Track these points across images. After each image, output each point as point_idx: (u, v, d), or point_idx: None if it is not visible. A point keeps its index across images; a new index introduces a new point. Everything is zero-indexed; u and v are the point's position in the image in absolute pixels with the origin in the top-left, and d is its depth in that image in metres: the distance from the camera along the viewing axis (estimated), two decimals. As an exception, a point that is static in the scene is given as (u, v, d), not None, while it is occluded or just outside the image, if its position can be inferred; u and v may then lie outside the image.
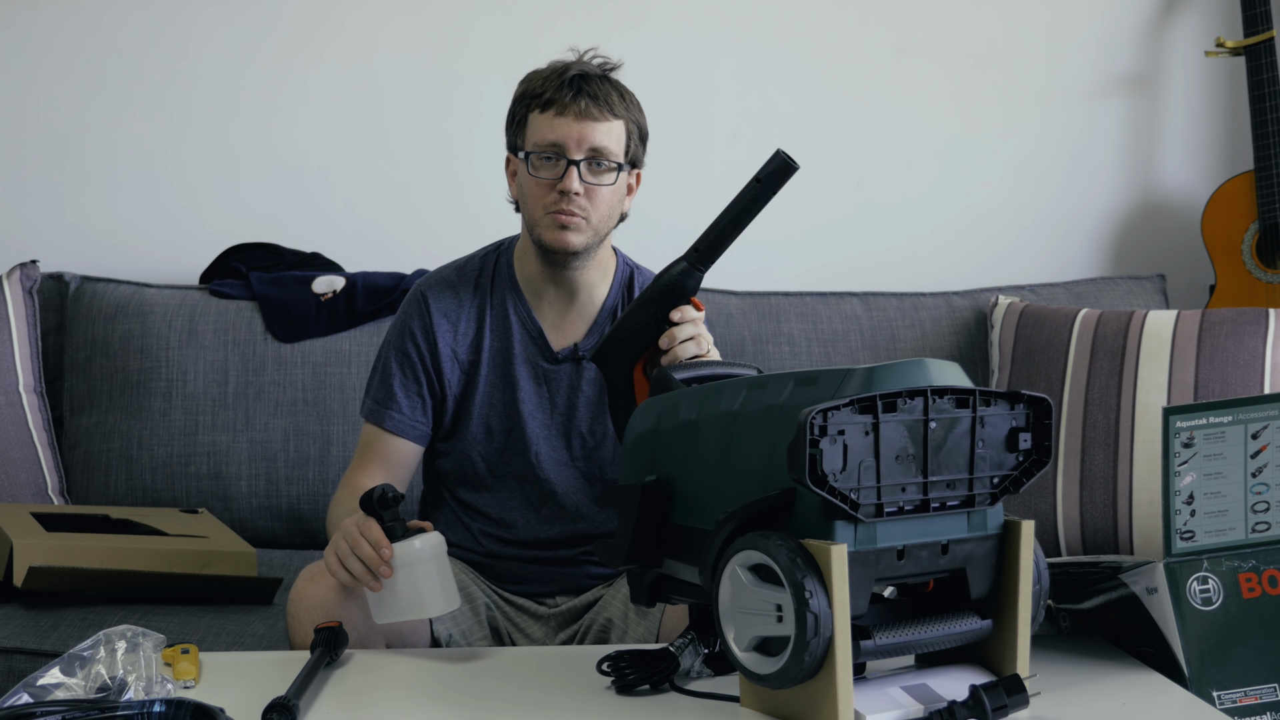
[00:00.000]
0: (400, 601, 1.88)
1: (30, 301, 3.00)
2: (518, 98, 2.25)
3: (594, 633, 2.24)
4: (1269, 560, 1.84)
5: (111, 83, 3.24)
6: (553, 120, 2.19)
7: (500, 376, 2.29)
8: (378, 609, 1.90)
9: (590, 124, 2.18)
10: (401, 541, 1.88)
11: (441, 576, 1.88)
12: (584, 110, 2.18)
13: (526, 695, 1.74)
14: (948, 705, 1.56)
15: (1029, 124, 3.39)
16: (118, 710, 1.56)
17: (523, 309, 2.30)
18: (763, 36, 3.34)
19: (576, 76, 2.20)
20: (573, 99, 2.18)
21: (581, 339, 2.29)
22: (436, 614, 1.88)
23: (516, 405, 2.28)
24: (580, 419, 2.28)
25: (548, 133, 2.19)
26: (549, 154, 2.19)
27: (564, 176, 2.18)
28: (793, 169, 1.93)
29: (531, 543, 2.29)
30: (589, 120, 2.18)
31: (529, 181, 2.21)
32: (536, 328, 2.29)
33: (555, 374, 2.29)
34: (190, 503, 2.93)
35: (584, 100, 2.18)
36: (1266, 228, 3.15)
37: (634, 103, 2.25)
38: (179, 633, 2.36)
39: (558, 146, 2.18)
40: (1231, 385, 2.73)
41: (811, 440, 1.48)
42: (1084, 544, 2.76)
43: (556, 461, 2.28)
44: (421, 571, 1.86)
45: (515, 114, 2.26)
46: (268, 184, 3.28)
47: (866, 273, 3.31)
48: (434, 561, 1.87)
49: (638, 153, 2.26)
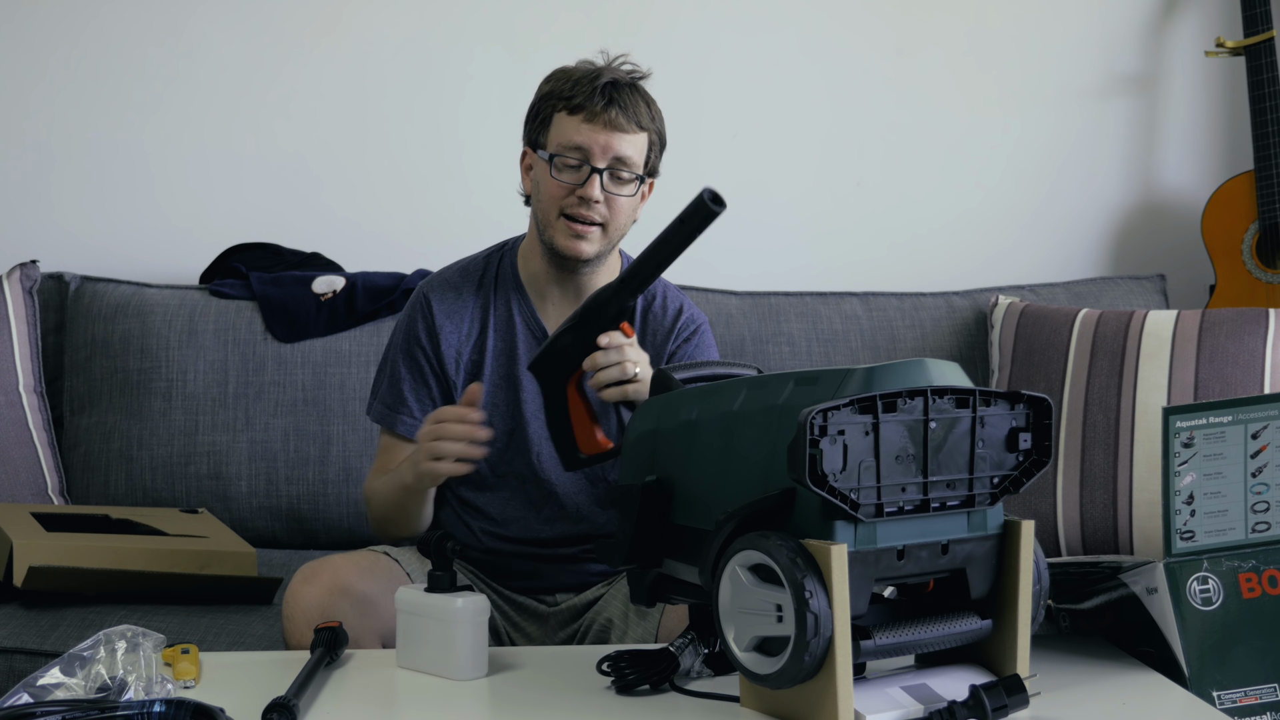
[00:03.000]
0: (429, 654, 1.82)
1: (30, 301, 3.00)
2: (545, 94, 2.24)
3: (594, 632, 2.24)
4: (1269, 560, 1.84)
5: (111, 83, 3.24)
6: (580, 125, 2.18)
7: (504, 377, 2.30)
8: (403, 652, 1.85)
9: (618, 134, 2.18)
10: (444, 596, 1.82)
11: (476, 642, 1.81)
12: (613, 120, 2.18)
13: (526, 695, 1.74)
14: (948, 705, 1.56)
15: (1029, 124, 3.39)
16: (118, 710, 1.56)
17: (526, 309, 2.30)
18: (763, 36, 3.34)
19: (609, 84, 2.19)
20: (604, 108, 2.17)
21: None
22: (461, 679, 1.80)
23: (520, 406, 2.28)
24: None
25: (575, 135, 2.19)
26: (573, 159, 2.19)
27: (586, 183, 2.18)
28: (715, 212, 1.91)
29: (532, 541, 2.29)
30: (617, 131, 2.18)
31: (548, 182, 2.21)
32: (541, 328, 2.29)
33: None
34: (190, 503, 2.93)
35: (614, 110, 2.18)
36: (1266, 228, 3.15)
37: (658, 113, 2.25)
38: (179, 633, 2.36)
39: (583, 152, 2.19)
40: (1231, 385, 2.73)
41: (811, 440, 1.48)
42: (1084, 544, 2.76)
43: (559, 462, 2.28)
44: (458, 633, 1.80)
45: (540, 110, 2.24)
46: (267, 184, 3.28)
47: (866, 273, 3.30)
48: (471, 625, 1.80)
49: (656, 163, 2.27)
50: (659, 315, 2.32)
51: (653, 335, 2.31)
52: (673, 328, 2.31)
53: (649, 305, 2.32)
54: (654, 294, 2.33)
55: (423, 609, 1.81)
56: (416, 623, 1.82)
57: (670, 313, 2.33)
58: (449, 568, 1.84)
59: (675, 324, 2.31)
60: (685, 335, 2.31)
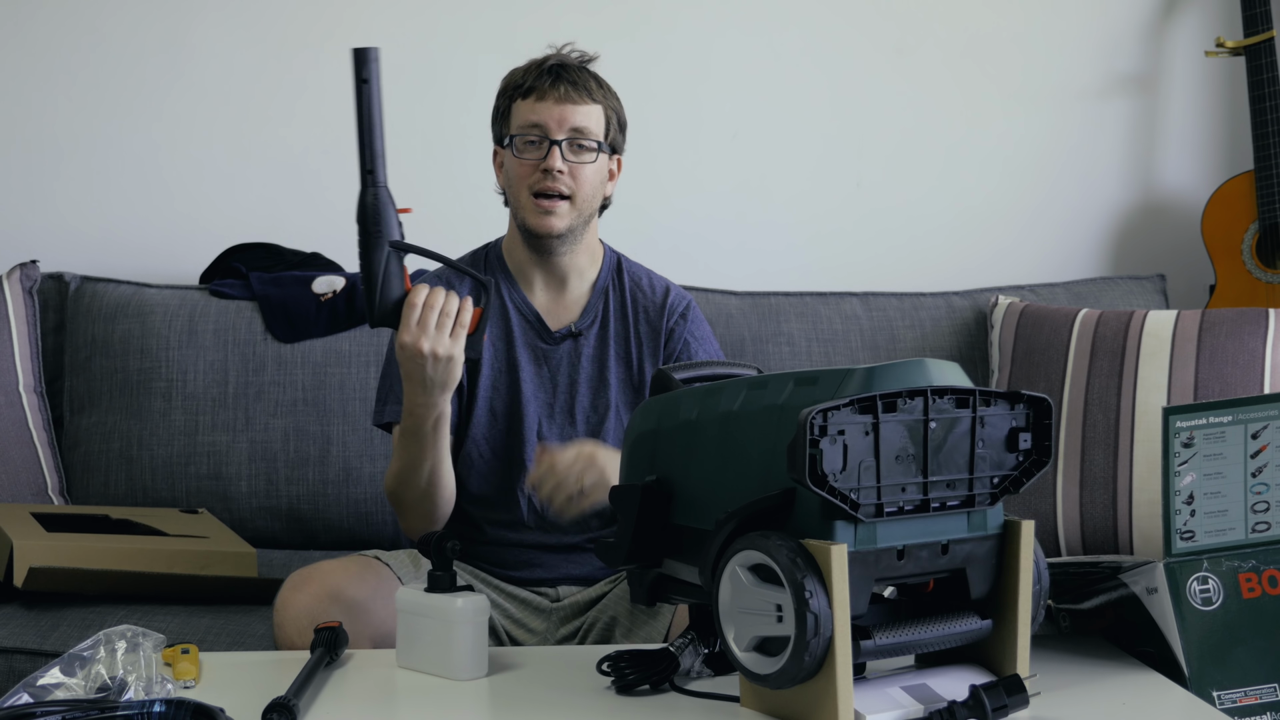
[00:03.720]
0: (427, 654, 1.81)
1: (30, 301, 3.00)
2: (500, 92, 2.36)
3: (596, 631, 2.24)
4: (1269, 560, 1.84)
5: (111, 83, 3.24)
6: (535, 105, 2.29)
7: (504, 361, 2.34)
8: (403, 652, 1.85)
9: (570, 106, 2.28)
10: (444, 596, 1.81)
11: (475, 642, 1.81)
12: (564, 94, 2.28)
13: (526, 695, 1.74)
14: (948, 705, 1.56)
15: (1029, 124, 3.39)
16: (118, 710, 1.56)
17: (517, 295, 2.37)
18: (763, 36, 3.34)
19: (555, 65, 2.31)
20: (552, 84, 2.29)
21: (577, 319, 2.36)
22: (461, 679, 1.79)
23: (519, 387, 2.33)
24: (582, 395, 2.33)
25: (530, 115, 2.29)
26: (532, 136, 2.29)
27: (548, 155, 2.27)
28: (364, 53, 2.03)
29: (536, 527, 2.30)
30: (568, 103, 2.28)
31: (514, 164, 2.30)
32: (533, 311, 2.35)
33: (554, 354, 2.34)
34: (190, 503, 2.93)
35: (563, 85, 2.29)
36: (1266, 228, 3.15)
37: (611, 92, 2.35)
38: (179, 633, 2.36)
39: (539, 127, 2.28)
40: (1231, 385, 2.73)
41: (811, 440, 1.48)
42: (1084, 544, 2.76)
43: (561, 440, 2.29)
44: (458, 633, 1.79)
45: (499, 107, 2.36)
46: (267, 184, 3.28)
47: (866, 273, 3.31)
48: (471, 625, 1.80)
49: (617, 138, 2.36)
50: (648, 295, 2.40)
51: (645, 315, 2.38)
52: (664, 305, 2.39)
53: (635, 289, 2.40)
54: (639, 274, 2.41)
55: (423, 609, 1.81)
56: (416, 623, 1.82)
57: (659, 292, 2.41)
58: (449, 568, 1.84)
59: (666, 302, 2.39)
60: (680, 311, 2.39)
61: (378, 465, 2.90)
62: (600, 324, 2.37)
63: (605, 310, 2.37)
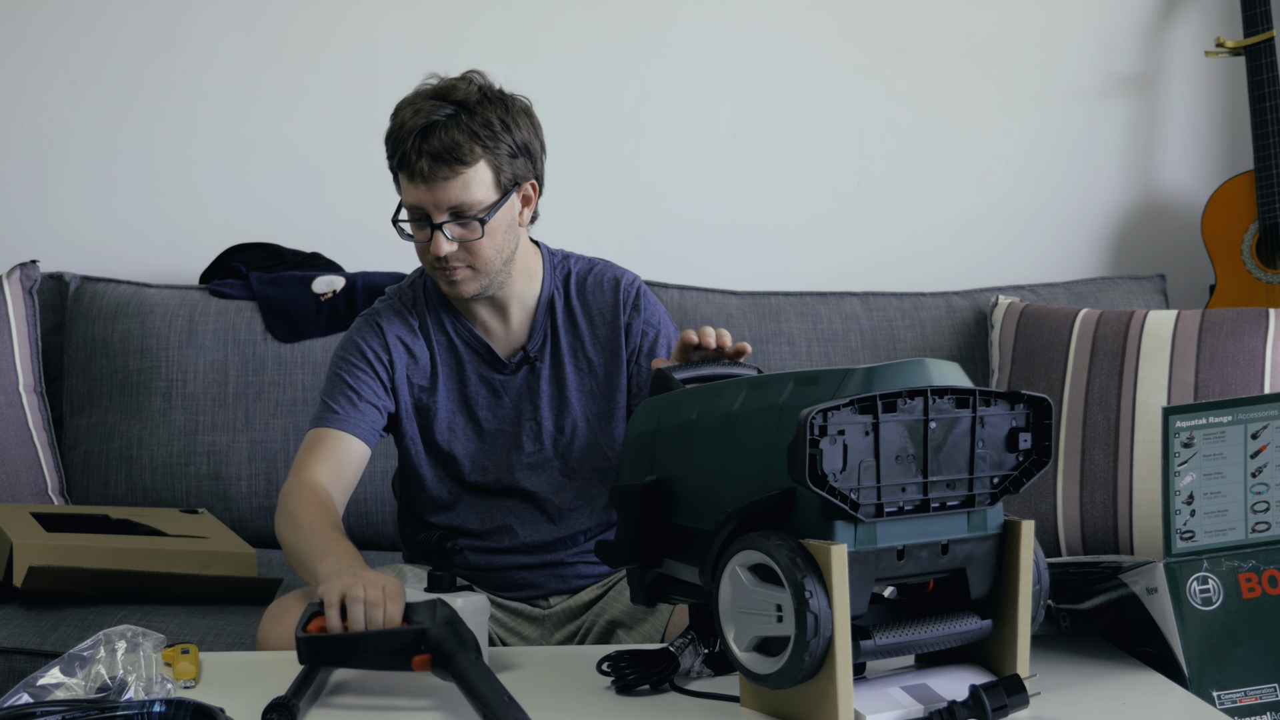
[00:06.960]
0: None
1: (30, 301, 3.00)
2: (385, 139, 2.15)
3: (596, 632, 2.24)
4: (1269, 560, 1.84)
5: (111, 82, 3.24)
6: (408, 185, 2.12)
7: (458, 401, 2.26)
8: None
9: (440, 184, 2.09)
10: (444, 596, 1.81)
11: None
12: (430, 172, 2.08)
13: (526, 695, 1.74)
14: (948, 705, 1.56)
15: (1029, 124, 3.39)
16: (118, 710, 1.56)
17: (463, 328, 2.26)
18: (762, 36, 3.34)
19: (420, 133, 2.08)
20: (417, 160, 2.08)
21: (527, 341, 2.26)
22: None
23: (479, 424, 2.26)
24: (545, 419, 2.25)
25: (408, 196, 2.12)
26: (416, 216, 2.13)
27: (432, 240, 2.11)
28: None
29: (518, 549, 2.28)
30: (438, 181, 2.08)
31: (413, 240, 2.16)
32: (481, 343, 2.26)
33: (510, 383, 2.26)
34: (190, 503, 2.93)
35: (425, 162, 2.07)
36: (1266, 228, 3.15)
37: (499, 123, 2.11)
38: (179, 633, 2.36)
39: (419, 208, 2.12)
40: (1231, 385, 2.73)
41: (811, 440, 1.48)
42: (1084, 544, 2.76)
43: (530, 466, 2.27)
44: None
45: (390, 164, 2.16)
46: (267, 184, 3.28)
47: (866, 273, 3.31)
48: (471, 625, 1.77)
49: (518, 172, 2.15)
50: (599, 295, 2.27)
51: (601, 316, 2.26)
52: (616, 302, 2.26)
53: (582, 287, 2.27)
54: (584, 274, 2.28)
55: None
56: None
57: (607, 289, 2.27)
58: (449, 568, 1.83)
59: (617, 298, 2.26)
60: (631, 303, 2.25)
61: (377, 465, 2.90)
62: (551, 341, 2.25)
63: (554, 326, 2.26)
